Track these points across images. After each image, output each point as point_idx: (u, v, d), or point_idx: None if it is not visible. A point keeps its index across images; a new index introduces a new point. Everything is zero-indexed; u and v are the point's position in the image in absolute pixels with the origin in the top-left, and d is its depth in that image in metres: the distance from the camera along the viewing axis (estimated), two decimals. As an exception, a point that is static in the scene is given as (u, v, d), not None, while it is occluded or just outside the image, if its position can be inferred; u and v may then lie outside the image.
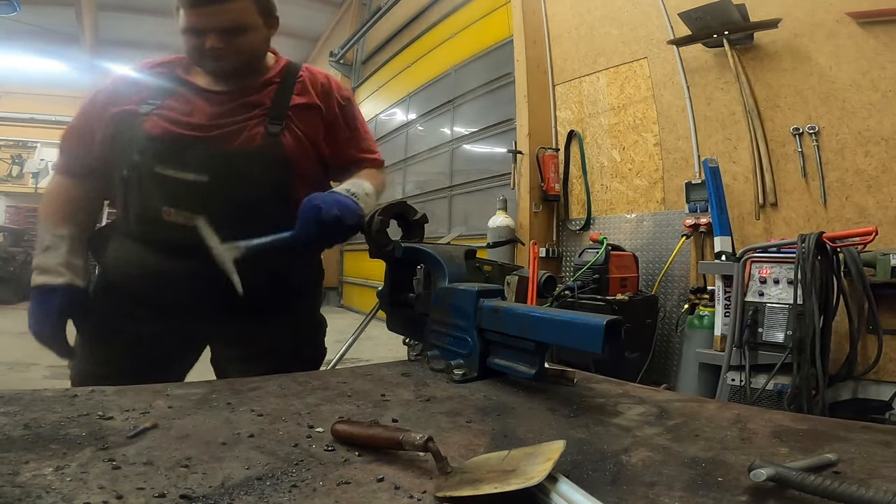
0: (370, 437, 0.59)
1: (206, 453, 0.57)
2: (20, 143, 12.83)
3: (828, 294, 2.20)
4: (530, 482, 0.46)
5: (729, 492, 0.52)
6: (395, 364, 1.08)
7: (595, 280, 3.26)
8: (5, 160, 12.63)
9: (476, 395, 0.86)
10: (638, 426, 0.72)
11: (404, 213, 1.25)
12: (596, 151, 4.20)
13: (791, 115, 3.03)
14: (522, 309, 0.90)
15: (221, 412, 0.71)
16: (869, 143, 2.74)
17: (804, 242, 2.16)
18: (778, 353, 2.25)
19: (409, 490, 0.50)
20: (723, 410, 0.82)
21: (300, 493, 0.49)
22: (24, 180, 12.73)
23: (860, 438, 0.68)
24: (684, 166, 3.56)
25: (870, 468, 0.57)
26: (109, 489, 0.47)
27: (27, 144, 12.93)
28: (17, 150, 12.78)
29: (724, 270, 2.61)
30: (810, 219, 2.92)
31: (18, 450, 0.55)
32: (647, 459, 0.60)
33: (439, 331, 1.04)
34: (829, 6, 2.88)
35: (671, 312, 3.54)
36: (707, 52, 3.41)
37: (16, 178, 12.73)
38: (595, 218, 4.15)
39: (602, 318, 0.75)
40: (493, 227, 4.19)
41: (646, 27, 3.85)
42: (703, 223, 3.29)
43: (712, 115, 3.43)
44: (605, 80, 4.14)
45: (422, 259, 1.11)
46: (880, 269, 2.25)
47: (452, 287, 1.02)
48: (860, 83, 2.78)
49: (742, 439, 0.68)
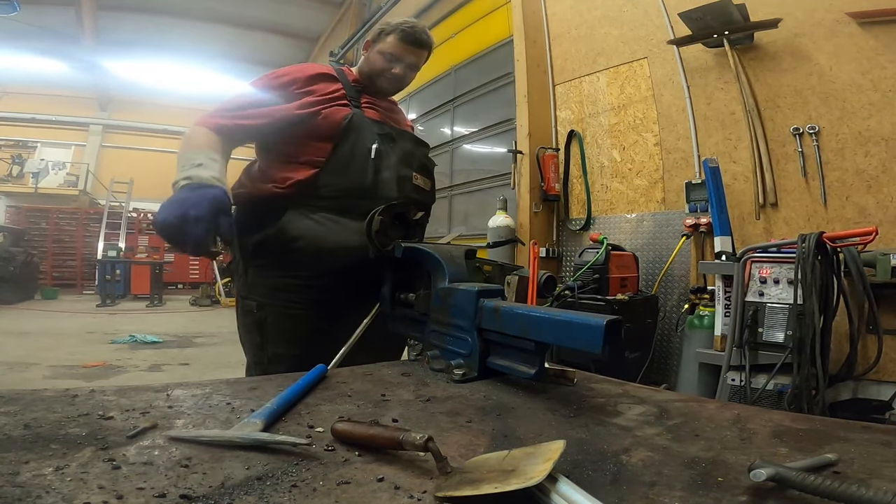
0: (370, 437, 0.59)
1: (206, 453, 0.57)
2: (20, 143, 12.83)
3: (828, 294, 2.19)
4: (530, 482, 0.46)
5: (729, 492, 0.52)
6: (395, 364, 1.08)
7: (595, 280, 3.26)
8: (5, 160, 12.64)
9: (476, 395, 0.86)
10: (638, 426, 0.72)
11: (404, 213, 1.25)
12: (596, 151, 4.20)
13: (791, 115, 3.03)
14: (522, 309, 0.90)
15: (221, 412, 0.71)
16: (869, 143, 2.74)
17: (804, 242, 2.16)
18: (778, 353, 2.25)
19: (409, 490, 0.50)
20: (723, 410, 0.82)
21: (300, 493, 0.49)
22: (24, 180, 12.74)
23: (860, 438, 0.67)
24: (684, 166, 3.56)
25: (870, 468, 0.57)
26: (109, 489, 0.47)
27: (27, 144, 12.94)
28: (17, 150, 12.78)
29: (724, 270, 2.61)
30: (810, 219, 2.92)
31: (18, 450, 0.54)
32: (647, 459, 0.60)
33: (439, 331, 1.04)
34: (829, 6, 2.88)
35: (671, 312, 3.54)
36: (707, 52, 3.41)
37: (16, 178, 12.73)
38: (595, 218, 4.15)
39: (602, 318, 0.75)
40: (493, 227, 4.19)
41: (646, 27, 3.85)
42: (703, 223, 3.29)
43: (712, 115, 3.43)
44: (606, 79, 4.14)
45: (422, 259, 1.12)
46: (880, 269, 2.25)
47: (452, 287, 1.02)
48: (860, 83, 2.78)
49: (742, 439, 0.68)
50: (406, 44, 1.51)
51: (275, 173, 1.36)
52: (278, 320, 1.34)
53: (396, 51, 1.50)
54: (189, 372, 4.27)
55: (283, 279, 1.33)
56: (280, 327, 1.33)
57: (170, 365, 4.58)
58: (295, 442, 0.58)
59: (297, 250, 1.31)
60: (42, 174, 12.70)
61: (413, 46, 1.51)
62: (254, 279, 1.37)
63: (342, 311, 1.33)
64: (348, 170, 1.36)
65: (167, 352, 4.88)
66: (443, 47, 6.46)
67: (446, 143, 6.32)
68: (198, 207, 1.04)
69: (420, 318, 1.11)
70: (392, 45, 1.50)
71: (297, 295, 1.33)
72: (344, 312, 1.33)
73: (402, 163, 1.45)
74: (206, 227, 1.04)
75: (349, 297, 1.32)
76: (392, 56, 1.50)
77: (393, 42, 1.50)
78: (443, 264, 1.06)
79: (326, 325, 1.32)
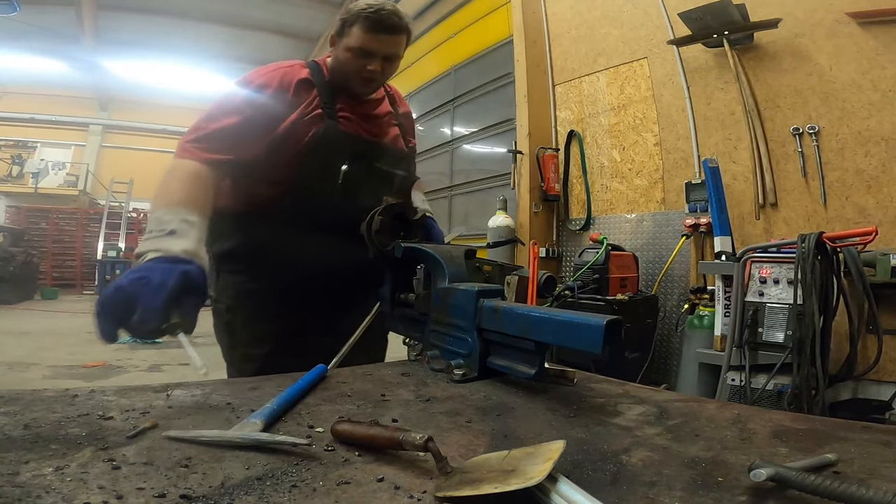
0: (370, 437, 0.59)
1: (206, 453, 0.57)
2: (20, 143, 12.84)
3: (828, 294, 2.19)
4: (530, 482, 0.46)
5: (729, 492, 0.52)
6: (395, 364, 1.08)
7: (595, 280, 3.26)
8: (5, 160, 12.64)
9: (476, 395, 0.86)
10: (638, 426, 0.72)
11: (404, 213, 1.25)
12: (596, 151, 4.20)
13: (791, 115, 3.03)
14: (522, 309, 0.90)
15: (221, 412, 0.71)
16: (869, 143, 2.74)
17: (804, 242, 2.16)
18: (778, 353, 2.25)
19: (409, 490, 0.50)
20: (723, 410, 0.82)
21: (300, 493, 0.49)
22: (24, 180, 12.74)
23: (860, 438, 0.67)
24: (684, 166, 3.56)
25: (870, 468, 0.57)
26: (109, 489, 0.47)
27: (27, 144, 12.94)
28: (17, 150, 12.78)
29: (724, 270, 2.61)
30: (810, 219, 2.92)
31: (18, 450, 0.54)
32: (647, 459, 0.60)
33: (439, 331, 1.04)
34: (829, 6, 2.88)
35: (671, 312, 3.54)
36: (707, 52, 3.41)
37: (16, 178, 12.73)
38: (595, 218, 4.15)
39: (602, 318, 0.75)
40: (493, 227, 4.19)
41: (646, 27, 3.85)
42: (703, 223, 3.29)
43: (712, 115, 3.43)
44: (605, 79, 4.14)
45: (422, 259, 1.11)
46: (880, 269, 2.26)
47: (452, 287, 1.02)
48: (860, 83, 2.78)
49: (742, 439, 0.68)
50: (375, 33, 1.26)
51: (241, 189, 1.31)
52: (247, 323, 1.34)
53: (365, 43, 1.27)
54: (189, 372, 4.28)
55: (251, 284, 1.34)
56: (249, 329, 1.34)
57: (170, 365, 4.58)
58: (295, 442, 0.58)
59: (265, 263, 1.31)
60: (42, 174, 12.70)
61: (384, 34, 1.27)
62: (224, 283, 1.37)
63: (314, 312, 1.35)
64: (313, 192, 1.28)
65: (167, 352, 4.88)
66: (443, 47, 6.46)
67: (446, 143, 6.32)
68: (164, 275, 0.84)
69: (420, 318, 1.11)
70: (359, 38, 1.26)
71: (265, 299, 1.32)
72: (316, 313, 1.35)
73: (374, 184, 1.33)
74: (165, 299, 0.81)
75: (321, 300, 1.34)
76: (362, 51, 1.27)
77: (359, 34, 1.26)
78: (443, 264, 1.06)
79: (298, 325, 1.32)
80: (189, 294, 0.86)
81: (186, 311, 0.85)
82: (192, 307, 0.86)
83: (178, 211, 1.02)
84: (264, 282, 1.32)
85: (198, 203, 1.07)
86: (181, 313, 0.83)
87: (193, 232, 0.99)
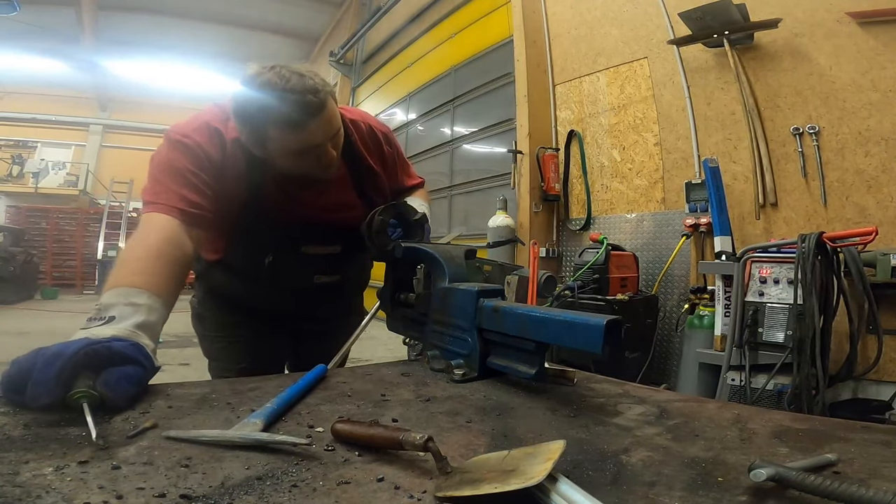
0: (370, 437, 0.59)
1: (206, 453, 0.57)
2: (20, 143, 12.84)
3: (828, 294, 2.20)
4: (530, 482, 0.46)
5: (729, 492, 0.52)
6: (395, 364, 1.08)
7: (595, 280, 3.26)
8: (5, 160, 12.64)
9: (476, 395, 0.86)
10: (638, 426, 0.72)
11: (404, 214, 1.25)
12: (596, 151, 4.20)
13: (791, 115, 3.03)
14: (522, 309, 0.90)
15: (221, 412, 0.71)
16: (869, 143, 2.74)
17: (804, 242, 2.16)
18: (778, 353, 2.25)
19: (409, 490, 0.50)
20: (723, 410, 0.82)
21: (300, 493, 0.49)
22: (24, 180, 12.74)
23: (860, 438, 0.67)
24: (684, 166, 3.56)
25: (870, 468, 0.57)
26: (109, 489, 0.47)
27: (27, 144, 12.95)
28: (17, 150, 12.78)
29: (724, 270, 2.61)
30: (810, 219, 2.92)
31: (18, 450, 0.54)
32: (647, 459, 0.60)
33: (439, 331, 1.04)
34: (829, 6, 2.88)
35: (671, 312, 3.54)
36: (707, 52, 3.41)
37: (16, 178, 12.74)
38: (595, 218, 4.15)
39: (602, 318, 0.75)
40: (493, 227, 4.20)
41: (646, 27, 3.86)
42: (703, 223, 3.29)
43: (712, 115, 3.43)
44: (606, 79, 4.14)
45: (422, 259, 1.11)
46: (880, 269, 2.26)
47: (452, 287, 1.02)
48: (860, 83, 2.78)
49: (742, 439, 0.68)
50: (295, 131, 1.04)
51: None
52: (215, 318, 1.45)
53: (292, 144, 1.06)
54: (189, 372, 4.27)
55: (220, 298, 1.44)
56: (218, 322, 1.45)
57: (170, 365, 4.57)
58: (295, 442, 0.58)
59: (227, 299, 1.41)
60: (42, 174, 12.71)
61: (305, 126, 1.03)
62: (202, 292, 1.48)
63: (287, 323, 1.47)
64: (243, 272, 1.31)
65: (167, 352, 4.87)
66: (443, 47, 6.47)
67: (446, 143, 6.32)
68: (62, 345, 0.70)
69: (420, 318, 1.11)
70: (281, 142, 1.06)
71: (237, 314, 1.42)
72: (289, 323, 1.47)
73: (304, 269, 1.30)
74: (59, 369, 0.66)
75: (292, 316, 1.45)
76: (291, 153, 1.08)
77: (278, 137, 1.05)
78: (443, 264, 1.06)
79: (270, 330, 1.44)
80: (112, 365, 0.71)
81: (106, 382, 0.69)
82: (117, 381, 0.70)
83: (130, 291, 0.87)
84: (232, 309, 1.43)
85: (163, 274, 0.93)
86: (91, 385, 0.67)
87: (135, 316, 0.84)
